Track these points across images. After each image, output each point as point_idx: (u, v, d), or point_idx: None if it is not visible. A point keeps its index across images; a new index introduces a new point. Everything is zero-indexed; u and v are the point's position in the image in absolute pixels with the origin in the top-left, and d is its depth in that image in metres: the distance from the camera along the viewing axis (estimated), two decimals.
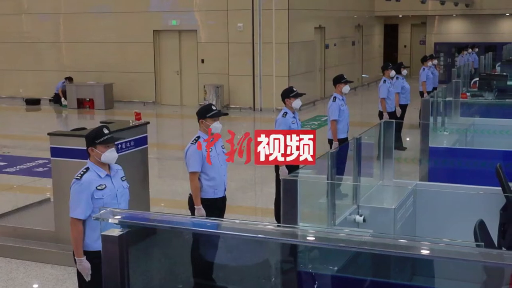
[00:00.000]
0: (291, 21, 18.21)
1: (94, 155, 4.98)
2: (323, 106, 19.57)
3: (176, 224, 2.99)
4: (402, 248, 3.59)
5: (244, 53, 18.48)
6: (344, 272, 4.13)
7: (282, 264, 3.70)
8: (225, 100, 18.67)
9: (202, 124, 6.06)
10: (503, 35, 25.58)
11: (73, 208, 4.86)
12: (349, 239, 3.72)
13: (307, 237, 3.60)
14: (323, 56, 21.03)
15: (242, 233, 3.74)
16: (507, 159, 7.20)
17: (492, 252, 3.83)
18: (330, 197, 4.48)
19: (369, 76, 25.04)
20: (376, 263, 4.59)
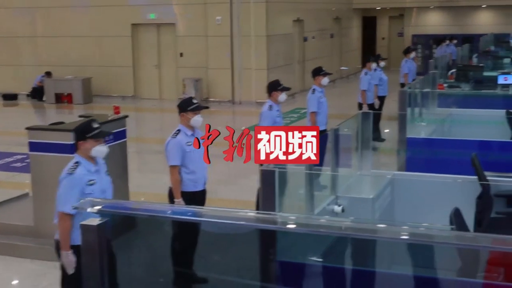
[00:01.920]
0: (269, 14, 18.23)
1: (84, 149, 4.96)
2: (302, 99, 19.58)
3: (156, 212, 3.01)
4: (380, 232, 3.65)
5: (223, 46, 18.46)
6: (323, 261, 4.18)
7: (262, 254, 3.73)
8: (204, 93, 18.66)
9: (182, 118, 6.06)
10: (480, 27, 25.79)
11: (63, 203, 4.83)
12: (329, 225, 3.77)
13: (287, 224, 3.64)
14: (301, 48, 21.08)
15: (222, 220, 3.77)
16: (482, 149, 7.31)
17: (467, 235, 3.90)
18: (308, 187, 4.52)
19: (348, 68, 25.13)
20: (355, 251, 4.64)
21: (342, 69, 24.62)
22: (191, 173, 6.02)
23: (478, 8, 26.60)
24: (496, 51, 18.56)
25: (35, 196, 7.25)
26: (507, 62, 15.34)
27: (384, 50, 28.16)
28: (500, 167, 7.18)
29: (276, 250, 3.76)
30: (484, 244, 3.62)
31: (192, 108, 6.05)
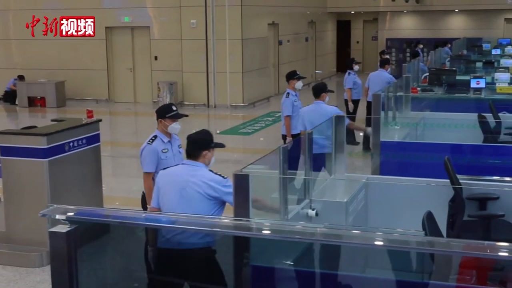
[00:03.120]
0: (244, 18, 18.24)
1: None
2: (277, 102, 19.61)
3: (127, 219, 2.99)
4: (354, 238, 3.67)
5: (198, 49, 18.44)
6: (297, 265, 4.17)
7: (235, 259, 3.72)
8: (179, 97, 18.60)
9: (160, 124, 5.99)
10: (453, 31, 26.05)
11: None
12: (303, 231, 3.77)
13: (262, 230, 3.64)
14: (276, 52, 21.12)
15: (197, 227, 3.76)
16: (455, 152, 7.36)
17: (440, 241, 3.93)
18: (282, 192, 4.52)
19: (323, 72, 25.23)
20: (329, 255, 4.65)
21: (317, 72, 24.71)
22: None
23: (451, 13, 26.87)
24: (468, 55, 18.75)
25: (6, 202, 7.16)
26: (479, 66, 15.50)
27: (359, 54, 28.33)
28: (472, 170, 7.25)
29: (250, 255, 3.75)
30: (456, 250, 3.66)
31: (171, 116, 5.99)
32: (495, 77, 12.28)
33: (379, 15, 27.84)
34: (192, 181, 4.68)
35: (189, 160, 4.84)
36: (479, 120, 8.83)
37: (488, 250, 3.50)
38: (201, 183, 4.66)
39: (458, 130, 8.81)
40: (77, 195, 7.37)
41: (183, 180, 4.72)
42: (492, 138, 8.67)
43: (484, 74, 12.94)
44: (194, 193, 4.65)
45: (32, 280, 6.58)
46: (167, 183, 4.82)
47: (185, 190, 4.68)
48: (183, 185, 4.70)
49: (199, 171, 4.75)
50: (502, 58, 16.31)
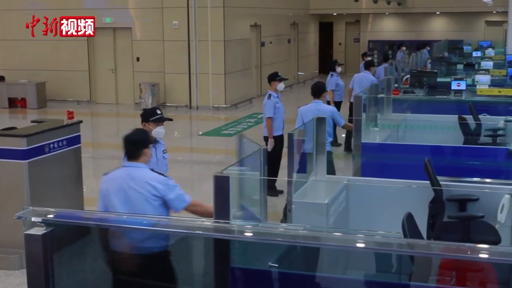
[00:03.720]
0: (226, 19, 18.22)
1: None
2: (260, 104, 19.63)
3: (105, 221, 2.97)
4: (334, 240, 3.67)
5: (180, 51, 18.39)
6: (277, 267, 4.17)
7: (216, 261, 3.71)
8: (161, 98, 18.55)
9: (144, 127, 5.88)
10: (434, 33, 26.22)
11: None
12: (284, 233, 3.77)
13: (243, 232, 3.63)
14: (259, 53, 21.13)
15: (177, 230, 3.74)
16: (435, 154, 7.41)
17: (420, 243, 3.95)
18: (262, 193, 4.52)
19: (305, 73, 25.28)
20: (310, 257, 4.65)
21: (299, 74, 24.75)
22: None
23: (433, 15, 27.05)
24: (449, 57, 18.88)
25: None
26: (460, 68, 15.62)
27: (341, 56, 28.43)
28: (452, 172, 7.29)
29: (230, 257, 3.74)
30: (435, 252, 3.68)
31: (155, 119, 5.92)
32: (475, 79, 12.37)
33: (361, 17, 27.96)
34: (134, 183, 4.63)
35: (129, 162, 4.76)
36: (459, 122, 8.89)
37: (469, 252, 3.51)
38: (143, 184, 4.62)
39: (438, 131, 8.87)
40: (58, 197, 7.31)
41: (125, 184, 4.65)
42: (472, 140, 8.73)
43: (465, 76, 13.03)
44: (137, 196, 4.61)
45: (11, 282, 6.52)
46: (110, 189, 4.73)
47: (128, 194, 4.62)
48: (126, 189, 4.64)
49: (140, 172, 4.69)
50: (483, 60, 16.46)
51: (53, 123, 7.77)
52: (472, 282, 4.26)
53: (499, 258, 2.62)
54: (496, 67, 15.34)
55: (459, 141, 8.73)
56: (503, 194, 5.65)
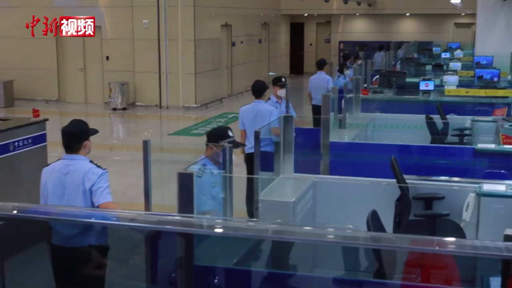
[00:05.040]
0: (197, 18, 18.15)
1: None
2: (230, 103, 19.65)
3: (71, 216, 2.92)
4: (296, 234, 3.64)
5: (150, 50, 18.28)
6: (242, 265, 4.15)
7: (179, 258, 3.66)
8: (130, 97, 18.42)
9: (210, 150, 5.25)
10: (403, 34, 26.43)
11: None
12: (251, 228, 3.74)
13: (211, 227, 3.59)
14: (229, 53, 21.09)
15: (138, 224, 3.69)
16: (402, 153, 7.45)
17: (384, 236, 3.94)
18: (228, 191, 4.49)
19: (276, 73, 25.26)
20: (276, 255, 4.64)
21: (270, 74, 24.75)
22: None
23: (403, 16, 27.27)
24: (418, 58, 19.03)
25: None
26: (428, 69, 15.76)
27: (312, 56, 28.54)
28: (420, 171, 7.33)
29: (194, 254, 3.70)
30: (399, 245, 3.67)
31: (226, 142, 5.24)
32: (443, 79, 12.48)
33: (332, 18, 28.07)
34: (73, 176, 4.60)
35: (68, 155, 4.70)
36: (426, 121, 8.96)
37: (437, 246, 3.51)
38: (81, 176, 4.58)
39: (406, 131, 8.94)
40: (22, 196, 7.21)
41: (62, 176, 4.62)
42: (439, 139, 8.80)
43: (433, 77, 13.14)
44: (75, 188, 4.58)
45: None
46: (48, 181, 4.69)
47: (65, 186, 4.60)
48: (64, 182, 4.61)
49: (79, 164, 4.64)
50: (451, 62, 16.63)
51: (18, 121, 7.67)
52: (436, 279, 4.29)
53: (463, 251, 2.62)
54: (464, 68, 15.51)
55: (427, 140, 8.80)
56: (469, 193, 5.69)
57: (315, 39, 29.25)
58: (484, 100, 11.00)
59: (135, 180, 9.85)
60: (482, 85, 12.26)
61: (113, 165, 11.73)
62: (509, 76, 14.57)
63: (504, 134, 7.92)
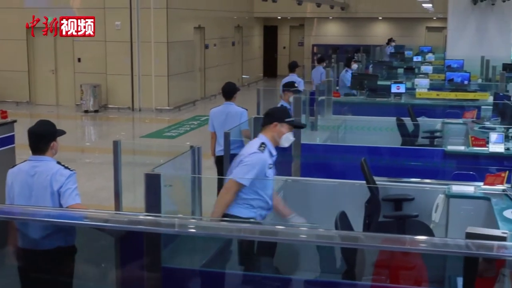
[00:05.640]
0: (170, 21, 18.08)
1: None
2: (203, 106, 19.58)
3: (30, 216, 2.87)
4: (273, 234, 3.62)
5: (122, 52, 18.16)
6: (210, 267, 4.12)
7: (146, 259, 3.63)
8: (102, 100, 18.27)
9: (274, 129, 5.07)
10: (376, 38, 26.58)
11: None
12: (223, 227, 3.71)
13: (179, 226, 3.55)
14: (203, 56, 21.04)
15: (113, 224, 3.64)
16: (374, 154, 7.48)
17: (350, 235, 3.93)
18: (196, 192, 4.46)
19: (249, 76, 25.31)
20: (244, 256, 4.61)
21: (243, 77, 24.76)
22: None
23: (375, 20, 27.45)
24: (391, 61, 19.15)
25: None
26: (400, 72, 15.87)
27: (285, 59, 28.55)
28: (390, 172, 7.36)
29: (161, 256, 3.67)
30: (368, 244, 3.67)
31: (290, 122, 5.15)
32: (415, 82, 12.58)
33: (305, 21, 28.16)
34: (40, 177, 4.55)
35: (34, 156, 4.64)
36: (397, 123, 9.01)
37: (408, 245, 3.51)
38: (49, 178, 4.53)
39: (378, 133, 8.98)
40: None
41: (29, 178, 4.56)
42: (410, 141, 8.86)
43: (405, 80, 13.23)
44: (42, 190, 4.53)
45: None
46: (14, 182, 4.63)
47: (33, 188, 4.54)
48: (31, 183, 4.55)
49: (46, 166, 4.59)
50: (423, 65, 16.76)
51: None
52: (405, 279, 4.30)
53: (423, 248, 2.62)
54: (436, 72, 15.65)
55: (398, 142, 8.85)
56: (438, 194, 5.73)
57: (289, 42, 29.31)
58: (454, 102, 11.12)
59: (107, 182, 9.77)
60: (452, 88, 12.37)
61: (85, 168, 11.63)
62: (479, 79, 14.74)
63: (474, 136, 7.99)
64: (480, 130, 8.70)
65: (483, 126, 8.92)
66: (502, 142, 7.57)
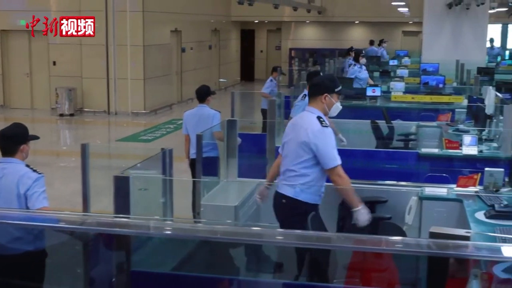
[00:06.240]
0: (146, 24, 17.99)
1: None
2: (180, 110, 19.48)
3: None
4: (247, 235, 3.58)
5: (98, 55, 18.03)
6: (181, 270, 4.08)
7: (114, 264, 3.58)
8: (78, 103, 18.13)
9: (324, 100, 4.98)
10: (353, 42, 26.65)
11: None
12: (191, 228, 3.66)
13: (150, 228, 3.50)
14: (179, 59, 20.96)
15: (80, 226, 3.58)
16: (347, 156, 7.44)
17: (323, 235, 3.91)
18: (168, 195, 4.42)
19: (227, 80, 25.27)
20: (217, 259, 4.58)
21: (220, 81, 24.72)
22: None
23: (352, 24, 27.56)
24: (367, 65, 19.19)
25: None
26: (376, 75, 15.94)
27: (263, 63, 28.61)
28: (364, 175, 7.37)
29: (131, 259, 3.62)
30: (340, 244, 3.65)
31: (339, 91, 5.12)
32: (390, 86, 12.63)
33: (282, 25, 28.18)
34: (7, 179, 4.51)
35: (3, 158, 4.61)
36: (372, 126, 9.03)
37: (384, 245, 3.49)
38: (16, 180, 4.49)
39: (353, 136, 8.98)
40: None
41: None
42: (384, 144, 8.88)
43: (381, 83, 13.28)
44: (9, 192, 4.49)
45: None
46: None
47: (0, 190, 4.50)
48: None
49: (14, 168, 4.55)
50: (399, 69, 16.85)
51: None
52: (377, 282, 4.29)
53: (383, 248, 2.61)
54: (411, 75, 15.74)
55: (373, 145, 8.87)
56: (411, 196, 5.74)
57: (266, 46, 29.32)
58: (429, 106, 11.17)
59: (81, 186, 9.64)
60: (427, 91, 12.45)
61: (59, 172, 11.53)
62: (454, 83, 14.85)
63: (447, 138, 8.03)
64: (454, 133, 8.75)
65: (457, 129, 8.97)
66: (475, 145, 7.62)
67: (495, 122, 8.46)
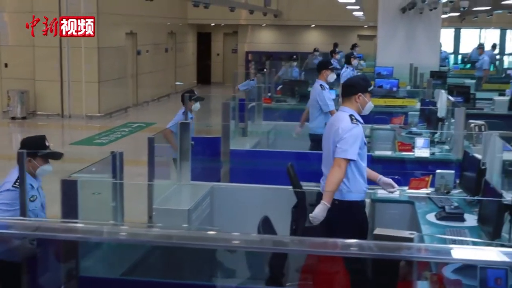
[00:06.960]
0: (100, 26, 17.74)
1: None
2: (135, 113, 19.33)
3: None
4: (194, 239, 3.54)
5: (51, 57, 17.74)
6: (131, 275, 4.02)
7: (63, 269, 3.50)
8: (31, 106, 17.80)
9: (358, 99, 5.12)
10: (309, 45, 26.79)
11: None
12: (139, 233, 3.60)
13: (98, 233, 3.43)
14: (135, 62, 20.78)
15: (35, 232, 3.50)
16: (301, 159, 7.49)
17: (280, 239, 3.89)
18: (118, 198, 4.35)
19: (183, 83, 25.13)
20: (169, 263, 4.53)
21: (177, 84, 24.59)
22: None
23: (308, 28, 27.71)
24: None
25: None
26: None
27: (219, 66, 28.58)
28: (318, 178, 7.38)
29: (79, 264, 3.55)
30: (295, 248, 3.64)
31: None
32: None
33: (239, 28, 28.19)
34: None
35: None
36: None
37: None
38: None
39: (307, 139, 8.99)
40: None
41: None
42: None
43: (336, 86, 13.35)
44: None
45: None
46: None
47: None
48: None
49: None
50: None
51: None
52: (330, 285, 4.30)
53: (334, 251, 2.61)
54: None
55: None
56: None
57: (222, 49, 29.27)
58: (383, 109, 11.27)
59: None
60: (381, 94, 12.55)
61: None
62: (408, 86, 15.02)
63: (400, 141, 8.11)
64: (407, 136, 8.84)
65: (409, 132, 9.07)
66: (428, 147, 7.71)
67: (446, 125, 8.58)
